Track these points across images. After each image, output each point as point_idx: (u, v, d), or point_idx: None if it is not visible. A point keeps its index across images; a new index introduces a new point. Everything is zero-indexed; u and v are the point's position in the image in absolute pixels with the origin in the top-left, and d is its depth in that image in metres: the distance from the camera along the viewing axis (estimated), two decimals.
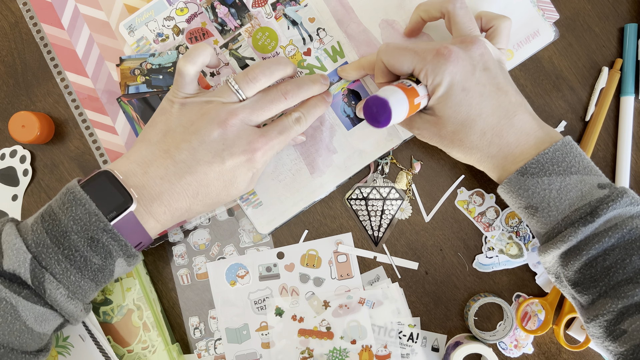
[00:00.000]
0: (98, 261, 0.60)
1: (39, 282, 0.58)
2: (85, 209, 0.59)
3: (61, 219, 0.59)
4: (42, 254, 0.58)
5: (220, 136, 0.65)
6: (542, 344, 0.80)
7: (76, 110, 0.82)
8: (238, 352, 0.81)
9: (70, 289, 0.60)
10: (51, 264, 0.59)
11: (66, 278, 0.59)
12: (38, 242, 0.59)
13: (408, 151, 0.81)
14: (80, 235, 0.58)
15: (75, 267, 0.59)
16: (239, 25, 0.80)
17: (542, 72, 0.80)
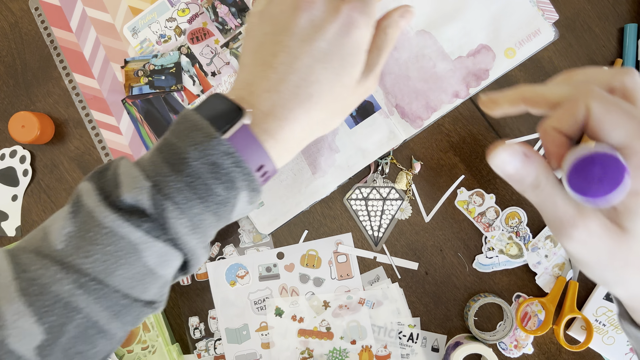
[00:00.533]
0: (221, 192, 0.52)
1: (160, 211, 0.50)
2: (204, 133, 0.51)
3: (179, 146, 0.52)
4: (161, 182, 0.51)
5: (307, 20, 0.57)
6: (542, 344, 0.80)
7: (83, 110, 0.82)
8: (238, 353, 0.81)
9: (193, 221, 0.52)
10: (172, 193, 0.51)
11: (189, 209, 0.51)
12: (157, 171, 0.51)
13: (408, 151, 0.81)
14: (201, 162, 0.51)
15: (198, 197, 0.52)
16: (239, 24, 0.80)
17: (542, 73, 0.80)
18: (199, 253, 0.55)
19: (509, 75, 0.80)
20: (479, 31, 0.78)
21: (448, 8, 0.78)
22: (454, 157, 0.81)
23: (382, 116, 0.78)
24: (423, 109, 0.78)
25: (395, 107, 0.78)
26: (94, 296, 0.48)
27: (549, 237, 0.79)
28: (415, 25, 0.79)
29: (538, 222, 0.80)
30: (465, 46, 0.78)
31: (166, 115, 0.81)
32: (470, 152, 0.80)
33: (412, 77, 0.78)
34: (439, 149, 0.81)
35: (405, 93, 0.78)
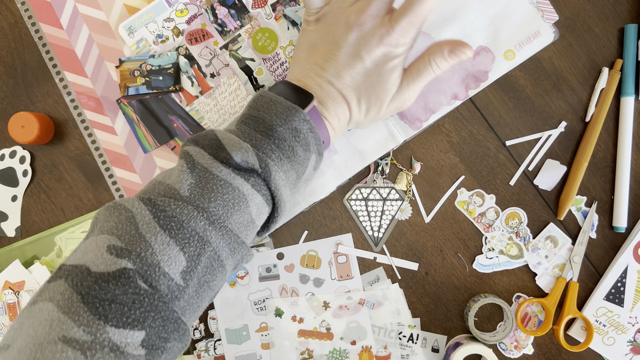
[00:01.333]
0: (301, 153, 0.64)
1: (264, 166, 0.60)
2: (283, 105, 0.63)
3: (264, 117, 0.63)
4: (258, 145, 0.61)
5: (355, 38, 0.66)
6: (542, 344, 0.80)
7: (75, 110, 0.82)
8: (238, 353, 0.81)
9: (287, 175, 0.63)
10: (269, 153, 0.61)
11: (281, 165, 0.62)
12: (251, 137, 0.62)
13: (408, 152, 0.81)
14: (285, 127, 0.62)
15: (286, 157, 0.62)
16: (238, 26, 0.80)
17: (542, 73, 0.80)
18: (287, 203, 0.66)
19: (509, 76, 0.80)
20: (478, 33, 0.78)
21: (447, 9, 0.78)
22: (454, 158, 0.81)
23: None
24: (422, 111, 0.78)
25: None
26: (220, 233, 0.58)
27: (549, 238, 0.79)
28: None
29: (538, 222, 0.80)
30: None
31: (163, 116, 0.80)
32: (470, 152, 0.80)
33: None
34: (439, 149, 0.81)
35: None
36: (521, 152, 0.80)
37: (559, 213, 0.79)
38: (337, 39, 0.66)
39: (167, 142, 0.80)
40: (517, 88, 0.80)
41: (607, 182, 0.80)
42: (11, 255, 0.82)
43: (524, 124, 0.80)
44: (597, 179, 0.80)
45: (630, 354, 0.78)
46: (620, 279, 0.78)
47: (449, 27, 0.78)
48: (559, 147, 0.80)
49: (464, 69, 0.78)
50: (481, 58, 0.78)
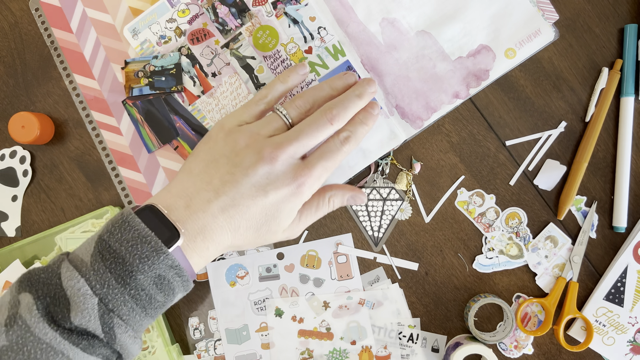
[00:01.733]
0: (161, 299, 0.57)
1: (109, 329, 0.54)
2: (151, 247, 0.55)
3: (125, 257, 0.54)
4: (108, 295, 0.54)
5: (265, 172, 0.63)
6: (542, 344, 0.80)
7: (83, 111, 0.82)
8: (238, 353, 0.81)
9: (135, 328, 0.57)
10: (118, 306, 0.54)
11: (132, 318, 0.56)
12: (103, 282, 0.54)
13: (408, 152, 0.81)
14: (147, 275, 0.55)
15: (140, 307, 0.56)
16: (239, 25, 0.80)
17: (542, 73, 0.80)
18: (137, 353, 0.60)
19: (508, 76, 0.80)
20: (479, 31, 0.78)
21: (448, 8, 0.78)
22: (454, 158, 0.81)
23: (382, 116, 0.78)
24: (423, 110, 0.78)
25: (396, 108, 0.78)
26: None
27: (549, 238, 0.79)
28: (415, 25, 0.79)
29: (538, 222, 0.80)
30: (465, 46, 0.78)
31: (167, 116, 0.80)
32: (470, 152, 0.80)
33: (412, 78, 0.78)
34: (439, 149, 0.81)
35: (405, 93, 0.78)
36: (521, 152, 0.80)
37: (559, 213, 0.79)
38: (246, 165, 0.63)
39: (169, 142, 0.81)
40: (517, 88, 0.80)
41: (607, 182, 0.80)
42: (11, 255, 0.82)
43: (524, 124, 0.80)
44: (597, 179, 0.80)
45: (630, 354, 0.78)
46: (620, 278, 0.78)
47: (450, 26, 0.78)
48: (558, 147, 0.80)
49: (465, 67, 0.78)
50: (482, 57, 0.78)
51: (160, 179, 0.81)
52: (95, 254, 0.55)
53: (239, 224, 0.63)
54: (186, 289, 0.60)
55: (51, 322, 0.53)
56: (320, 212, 0.71)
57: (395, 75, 0.79)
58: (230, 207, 0.62)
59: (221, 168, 0.64)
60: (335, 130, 0.67)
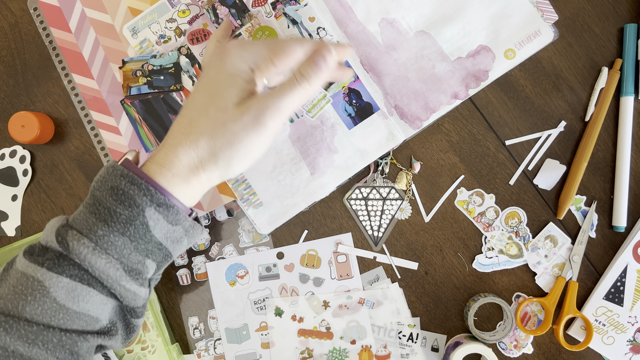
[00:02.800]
0: (124, 211, 0.56)
1: (62, 238, 0.56)
2: (106, 168, 0.58)
3: (94, 186, 0.58)
4: (74, 220, 0.58)
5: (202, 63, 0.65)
6: (542, 344, 0.80)
7: (82, 111, 0.82)
8: (238, 352, 0.81)
9: (99, 243, 0.56)
10: (77, 222, 0.57)
11: (93, 233, 0.56)
12: (75, 216, 0.58)
13: (408, 151, 0.81)
14: (102, 190, 0.57)
15: (101, 220, 0.56)
16: (239, 25, 0.80)
17: (542, 73, 0.80)
18: (115, 275, 0.58)
19: (508, 76, 0.80)
20: (478, 32, 0.78)
21: (448, 9, 0.78)
22: (454, 157, 0.81)
23: (381, 117, 0.78)
24: (422, 110, 0.78)
25: (395, 108, 0.78)
26: (9, 327, 0.54)
27: (548, 237, 0.80)
28: (414, 26, 0.79)
29: (538, 222, 0.80)
30: (464, 47, 0.78)
31: (165, 116, 0.81)
32: (470, 152, 0.80)
33: (411, 78, 0.78)
34: (439, 148, 0.81)
35: (404, 94, 0.78)
36: (521, 152, 0.80)
37: (559, 212, 0.79)
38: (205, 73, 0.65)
39: None
40: (517, 88, 0.80)
41: (607, 182, 0.80)
42: (11, 255, 0.82)
43: (523, 123, 0.80)
44: (596, 178, 0.80)
45: (630, 353, 0.78)
46: (620, 278, 0.78)
47: (449, 27, 0.78)
48: (558, 146, 0.80)
49: (464, 68, 0.78)
50: (481, 57, 0.78)
51: None
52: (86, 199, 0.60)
53: (188, 116, 0.62)
54: (156, 202, 0.57)
55: (28, 255, 0.57)
56: (286, 88, 0.61)
57: (394, 75, 0.79)
58: (182, 109, 0.63)
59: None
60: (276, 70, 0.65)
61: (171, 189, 0.59)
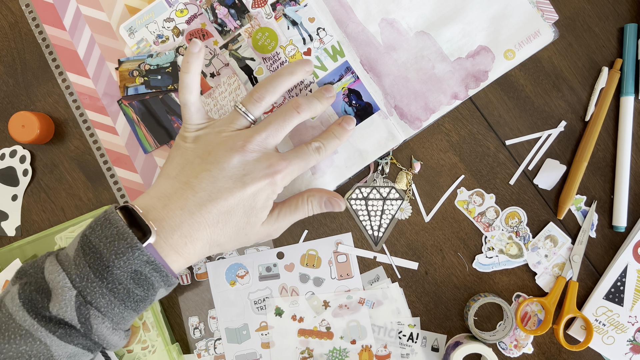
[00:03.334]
0: (140, 292, 0.60)
1: (85, 319, 0.57)
2: (127, 243, 0.58)
3: (103, 253, 0.57)
4: (86, 288, 0.57)
5: (240, 162, 0.65)
6: (542, 344, 0.80)
7: (77, 110, 0.82)
8: (238, 352, 0.81)
9: (114, 320, 0.59)
10: (96, 298, 0.57)
11: (110, 311, 0.58)
12: (82, 276, 0.57)
13: (408, 151, 0.81)
14: (123, 270, 0.58)
15: (119, 299, 0.59)
16: (238, 26, 0.80)
17: (542, 72, 0.80)
18: (120, 343, 0.62)
19: (508, 75, 0.80)
20: (478, 32, 0.78)
21: (447, 9, 0.78)
22: (454, 157, 0.81)
23: (380, 117, 0.78)
24: (422, 110, 0.78)
25: (394, 108, 0.78)
26: None
27: (549, 237, 0.79)
28: (414, 26, 0.79)
29: (538, 222, 0.80)
30: (464, 47, 0.78)
31: (163, 116, 0.80)
32: (470, 151, 0.80)
33: (411, 78, 0.78)
34: (439, 148, 0.81)
35: (404, 94, 0.78)
36: (521, 152, 0.80)
37: (559, 212, 0.79)
38: (219, 159, 0.65)
39: (167, 142, 0.80)
40: (517, 87, 0.80)
41: (607, 182, 0.80)
42: (11, 255, 0.82)
43: (523, 123, 0.80)
44: (596, 178, 0.80)
45: (630, 353, 0.78)
46: (620, 277, 0.78)
47: (449, 27, 0.78)
48: (558, 146, 0.80)
49: (464, 68, 0.78)
50: (481, 58, 0.78)
51: None
52: (78, 249, 0.59)
53: (218, 219, 0.64)
54: (167, 284, 0.62)
55: (31, 310, 0.56)
56: (298, 212, 0.74)
57: (394, 75, 0.78)
58: (208, 202, 0.63)
59: (196, 167, 0.65)
60: (302, 119, 0.71)
61: (177, 269, 0.65)
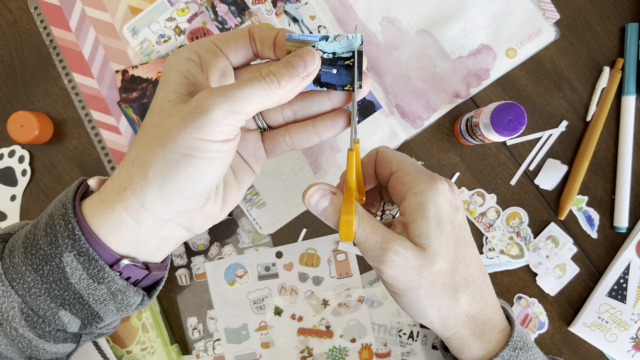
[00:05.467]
0: (44, 246, 0.47)
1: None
2: (68, 188, 0.50)
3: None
4: (17, 233, 0.50)
5: None
6: (543, 344, 0.80)
7: (82, 110, 0.82)
8: (237, 352, 0.81)
9: (7, 271, 0.47)
10: (14, 238, 0.49)
11: (9, 257, 0.48)
12: (18, 228, 0.52)
13: (409, 151, 0.81)
14: (47, 211, 0.48)
15: (24, 247, 0.48)
16: (239, 23, 0.80)
17: (543, 72, 0.80)
18: (12, 318, 0.49)
19: (509, 75, 0.80)
20: (479, 31, 0.78)
21: (448, 7, 0.78)
22: (455, 157, 0.80)
23: (382, 115, 0.78)
24: (423, 109, 0.78)
25: (396, 107, 0.78)
26: None
27: (550, 238, 0.79)
28: (415, 24, 0.79)
29: (539, 222, 0.80)
30: (465, 46, 0.78)
31: None
32: (471, 151, 0.80)
33: (413, 77, 0.78)
34: (440, 148, 0.81)
35: (406, 93, 0.78)
36: (522, 152, 0.80)
37: (560, 213, 0.79)
38: None
39: None
40: (518, 87, 0.80)
41: (608, 182, 0.79)
42: None
43: None
44: (598, 178, 0.79)
45: (633, 351, 0.77)
46: (623, 275, 0.77)
47: (450, 26, 0.78)
48: (559, 146, 0.80)
49: (465, 67, 0.78)
50: (483, 56, 0.78)
51: None
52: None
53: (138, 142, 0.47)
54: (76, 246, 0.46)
55: None
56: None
57: (395, 74, 0.78)
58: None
59: None
60: None
61: (99, 227, 0.47)
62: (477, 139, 0.73)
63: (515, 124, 0.68)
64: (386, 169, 0.54)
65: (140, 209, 0.45)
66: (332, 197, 0.50)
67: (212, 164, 0.45)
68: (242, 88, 0.44)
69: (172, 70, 0.48)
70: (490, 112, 0.68)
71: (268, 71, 0.45)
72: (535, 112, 0.80)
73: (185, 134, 0.43)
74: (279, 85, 0.45)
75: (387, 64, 0.79)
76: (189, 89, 0.47)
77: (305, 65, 0.46)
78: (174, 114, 0.44)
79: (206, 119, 0.42)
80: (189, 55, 0.49)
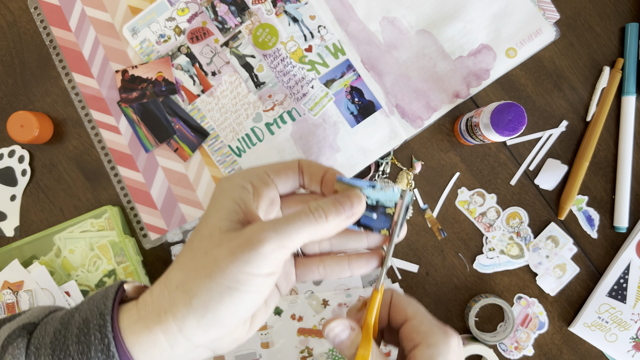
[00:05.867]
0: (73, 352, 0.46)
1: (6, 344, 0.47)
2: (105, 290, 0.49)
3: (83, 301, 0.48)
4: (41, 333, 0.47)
5: None
6: (543, 345, 0.80)
7: (82, 110, 0.82)
8: (237, 352, 0.81)
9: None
10: (38, 336, 0.47)
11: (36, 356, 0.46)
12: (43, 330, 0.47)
13: (409, 151, 0.81)
14: (81, 313, 0.47)
15: (52, 350, 0.46)
16: (239, 23, 0.80)
17: (543, 72, 0.80)
18: None
19: (509, 75, 0.80)
20: (479, 31, 0.78)
21: (449, 8, 0.78)
22: (455, 157, 0.80)
23: (383, 115, 0.78)
24: (423, 109, 0.78)
25: (396, 107, 0.78)
26: None
27: (550, 238, 0.79)
28: (415, 24, 0.79)
29: (539, 222, 0.80)
30: (466, 46, 0.78)
31: (163, 116, 0.80)
32: (471, 151, 0.80)
33: (413, 77, 0.78)
34: (440, 148, 0.81)
35: (406, 93, 0.78)
36: (522, 152, 0.80)
37: (560, 213, 0.79)
38: None
39: (167, 140, 0.80)
40: (518, 87, 0.80)
41: (608, 182, 0.79)
42: (10, 255, 0.82)
43: None
44: (598, 178, 0.79)
45: (633, 351, 0.77)
46: (623, 275, 0.77)
47: (451, 25, 0.78)
48: (559, 146, 0.80)
49: (465, 66, 0.78)
50: (483, 56, 0.78)
51: (159, 178, 0.81)
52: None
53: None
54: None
55: None
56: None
57: (395, 74, 0.78)
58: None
59: None
60: None
61: (133, 345, 0.46)
62: (477, 139, 0.74)
63: (515, 124, 0.68)
64: (402, 314, 0.55)
65: (178, 334, 0.45)
66: (350, 332, 0.52)
67: (253, 298, 0.45)
68: (290, 223, 0.45)
69: (225, 196, 0.49)
70: (490, 112, 0.68)
71: (317, 206, 0.47)
72: (535, 112, 0.80)
73: (233, 268, 0.44)
74: (327, 219, 0.46)
75: (387, 64, 0.78)
76: (240, 217, 0.48)
77: (352, 206, 0.48)
78: (224, 244, 0.45)
79: (255, 253, 0.43)
80: (244, 183, 0.50)
